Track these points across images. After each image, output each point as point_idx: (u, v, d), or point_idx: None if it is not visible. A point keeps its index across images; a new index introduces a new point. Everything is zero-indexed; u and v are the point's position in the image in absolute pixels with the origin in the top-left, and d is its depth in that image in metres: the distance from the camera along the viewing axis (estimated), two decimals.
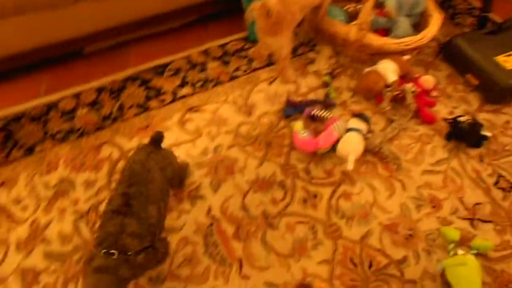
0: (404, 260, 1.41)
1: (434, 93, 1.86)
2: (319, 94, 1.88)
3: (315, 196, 1.56)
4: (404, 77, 1.84)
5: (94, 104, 1.82)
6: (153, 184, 1.19)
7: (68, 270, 1.38)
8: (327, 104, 1.81)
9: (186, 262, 1.40)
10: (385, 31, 1.95)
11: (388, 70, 1.78)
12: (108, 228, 1.07)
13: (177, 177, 1.45)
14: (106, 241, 1.05)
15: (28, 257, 1.41)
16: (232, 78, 1.93)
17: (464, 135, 1.68)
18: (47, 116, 1.78)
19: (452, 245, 1.39)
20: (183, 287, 1.35)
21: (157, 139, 1.33)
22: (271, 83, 1.92)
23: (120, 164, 1.62)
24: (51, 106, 1.81)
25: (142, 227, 1.10)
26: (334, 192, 1.57)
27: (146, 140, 1.67)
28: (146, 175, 1.18)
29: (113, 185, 1.57)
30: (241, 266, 1.39)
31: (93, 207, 1.52)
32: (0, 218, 1.49)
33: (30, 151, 1.66)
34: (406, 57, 1.83)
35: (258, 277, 1.37)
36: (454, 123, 1.70)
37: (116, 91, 1.87)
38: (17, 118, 1.77)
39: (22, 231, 1.47)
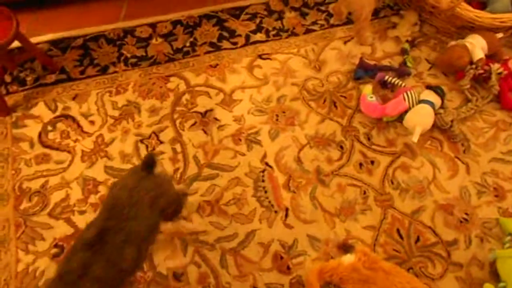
0: (454, 242, 1.36)
1: None
2: (395, 61, 1.79)
3: (372, 162, 1.52)
4: (492, 57, 1.70)
5: (168, 36, 1.84)
6: (137, 220, 1.01)
7: None
8: (401, 72, 1.73)
9: (234, 201, 1.44)
10: (481, 5, 1.79)
11: (476, 46, 1.65)
12: (72, 263, 0.93)
13: (171, 209, 1.23)
14: (65, 278, 0.92)
15: (90, 168, 1.50)
16: (307, 31, 1.88)
17: None
18: (123, 41, 1.83)
19: (509, 238, 1.33)
20: (228, 223, 1.39)
21: (149, 162, 1.10)
22: (346, 42, 1.85)
23: (185, 97, 1.65)
24: (128, 31, 1.85)
25: (109, 272, 0.95)
26: (392, 161, 1.52)
27: (212, 79, 1.70)
28: (131, 208, 1.01)
29: (176, 116, 1.61)
30: (286, 215, 1.41)
31: (154, 133, 1.57)
32: (69, 128, 1.59)
33: (103, 70, 1.73)
34: (498, 35, 1.69)
35: (302, 228, 1.38)
36: None
37: (191, 26, 1.87)
38: (95, 38, 1.83)
39: (87, 143, 1.55)
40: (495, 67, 1.64)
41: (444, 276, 1.31)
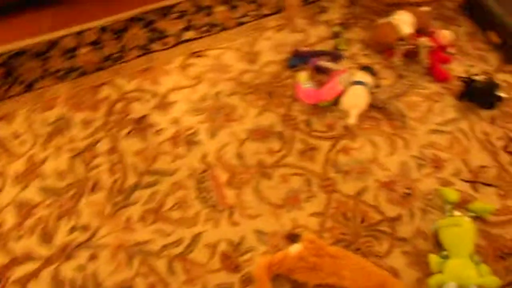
0: (398, 218, 1.38)
1: (451, 50, 1.75)
2: (329, 45, 1.79)
3: (313, 149, 1.52)
4: (420, 31, 1.73)
5: (96, 44, 1.78)
6: None
7: (63, 205, 1.40)
8: (334, 56, 1.73)
9: (177, 206, 1.40)
10: None
11: (403, 22, 1.67)
12: None
13: None
14: None
15: (24, 191, 1.43)
16: (239, 24, 1.85)
17: (478, 95, 1.59)
18: (48, 54, 1.75)
19: (449, 206, 1.35)
20: (173, 230, 1.36)
21: None
22: (278, 31, 1.84)
23: (119, 105, 1.60)
24: (52, 44, 1.78)
25: None
26: (333, 146, 1.53)
27: (145, 83, 1.66)
28: None
29: (110, 126, 1.55)
30: (231, 213, 1.39)
31: (89, 146, 1.51)
32: None
33: (29, 87, 1.65)
34: (424, 9, 1.72)
35: (248, 224, 1.37)
36: (468, 82, 1.61)
37: (119, 31, 1.82)
38: (18, 54, 1.75)
39: (19, 165, 1.48)
40: (423, 41, 1.67)
41: (391, 252, 1.32)
